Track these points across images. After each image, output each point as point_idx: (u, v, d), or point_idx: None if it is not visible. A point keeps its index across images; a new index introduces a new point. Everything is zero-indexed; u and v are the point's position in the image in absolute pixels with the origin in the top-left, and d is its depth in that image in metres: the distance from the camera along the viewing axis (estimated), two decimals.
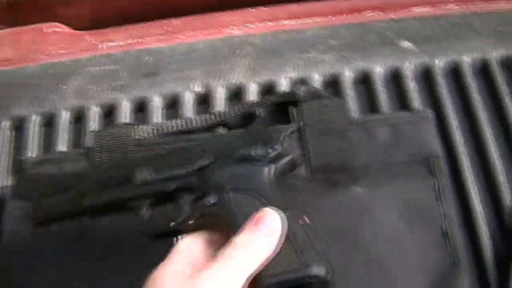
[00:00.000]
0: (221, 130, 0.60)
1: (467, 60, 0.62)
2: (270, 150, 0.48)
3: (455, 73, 0.62)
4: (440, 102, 0.60)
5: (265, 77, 0.63)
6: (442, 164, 0.54)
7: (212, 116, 0.59)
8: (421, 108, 0.59)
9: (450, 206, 0.53)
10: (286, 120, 0.57)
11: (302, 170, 0.54)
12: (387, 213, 0.52)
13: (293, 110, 0.57)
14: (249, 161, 0.47)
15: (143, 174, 0.49)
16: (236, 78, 0.63)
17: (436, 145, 0.55)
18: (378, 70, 0.62)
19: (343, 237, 0.51)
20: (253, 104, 0.59)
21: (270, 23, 0.67)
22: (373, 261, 0.50)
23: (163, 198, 0.49)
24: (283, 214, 0.42)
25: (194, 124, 0.59)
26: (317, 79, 0.62)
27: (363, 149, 0.55)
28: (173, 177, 0.48)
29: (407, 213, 0.52)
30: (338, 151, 0.55)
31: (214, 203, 0.45)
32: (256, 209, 0.43)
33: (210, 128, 0.60)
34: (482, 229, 0.53)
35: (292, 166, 0.50)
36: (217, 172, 0.47)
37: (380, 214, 0.51)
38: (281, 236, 0.41)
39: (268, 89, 0.62)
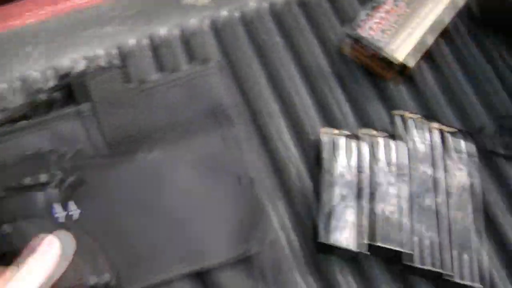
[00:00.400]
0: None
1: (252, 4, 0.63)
2: (43, 178, 0.49)
3: (244, 20, 0.62)
4: (238, 50, 0.60)
5: (62, 61, 0.61)
6: (232, 113, 0.54)
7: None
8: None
9: (247, 152, 0.53)
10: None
11: (102, 149, 0.53)
12: (183, 172, 0.51)
13: (82, 90, 0.55)
14: (31, 188, 0.48)
15: None
16: (32, 67, 0.60)
17: (223, 95, 0.55)
18: (167, 31, 0.61)
19: (145, 205, 0.50)
20: (41, 91, 0.56)
21: (60, 5, 0.64)
22: (175, 224, 0.50)
23: None
24: (68, 234, 0.45)
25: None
26: (114, 53, 0.60)
27: (155, 113, 0.54)
28: None
29: (202, 168, 0.51)
30: (131, 120, 0.53)
31: (9, 233, 0.46)
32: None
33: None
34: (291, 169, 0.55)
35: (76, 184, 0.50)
36: (8, 202, 0.48)
37: (176, 174, 0.51)
38: (61, 255, 0.43)
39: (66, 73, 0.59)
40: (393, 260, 0.51)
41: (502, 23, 0.63)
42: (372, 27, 0.59)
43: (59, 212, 0.48)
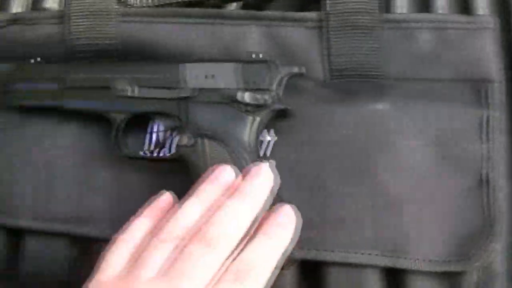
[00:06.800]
0: (235, 5, 0.50)
1: None
2: (259, 96, 0.40)
3: None
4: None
5: None
6: (499, 92, 0.41)
7: None
8: (483, 14, 0.45)
9: (498, 148, 0.41)
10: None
11: (319, 72, 0.44)
12: (411, 143, 0.40)
13: None
14: (233, 104, 0.41)
15: (124, 86, 0.43)
16: None
17: (494, 65, 0.42)
18: None
19: (353, 163, 0.41)
20: None
21: None
22: (384, 196, 0.40)
23: (137, 116, 0.44)
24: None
25: None
26: None
27: (396, 55, 0.43)
28: (153, 98, 0.43)
29: (437, 147, 0.40)
30: (366, 53, 0.43)
31: (187, 145, 0.41)
32: (227, 162, 0.38)
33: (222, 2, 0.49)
34: None
35: (282, 115, 0.42)
36: (197, 109, 0.41)
37: (402, 142, 0.41)
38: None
39: None
40: None
41: None
42: None
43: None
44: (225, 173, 0.36)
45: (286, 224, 0.34)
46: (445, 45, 0.43)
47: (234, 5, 0.50)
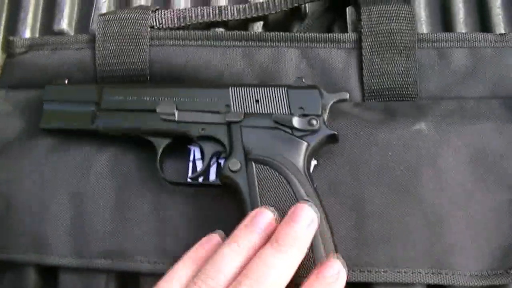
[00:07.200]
0: (257, 26, 0.49)
1: None
2: (314, 122, 0.40)
3: None
4: None
5: None
6: None
7: (250, 7, 0.48)
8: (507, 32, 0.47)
9: None
10: (340, 21, 0.46)
11: (356, 92, 0.44)
12: (453, 161, 0.41)
13: (350, 12, 0.45)
14: (284, 128, 0.40)
15: (168, 108, 0.42)
16: None
17: None
18: None
19: (395, 180, 0.41)
20: None
21: None
22: (428, 214, 0.40)
23: (182, 141, 0.42)
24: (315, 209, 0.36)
25: (226, 15, 0.48)
26: None
27: (432, 74, 0.44)
28: (200, 122, 0.41)
29: (477, 164, 0.41)
30: (403, 73, 0.44)
31: (235, 170, 0.39)
32: (281, 188, 0.38)
33: (245, 21, 0.49)
34: None
35: (330, 142, 0.41)
36: (246, 133, 0.40)
37: (444, 160, 0.41)
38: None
39: None
40: None
41: None
42: None
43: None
44: (263, 217, 0.35)
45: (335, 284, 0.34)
46: (479, 62, 0.44)
47: (257, 25, 0.50)
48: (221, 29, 0.48)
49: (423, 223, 0.40)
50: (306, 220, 0.35)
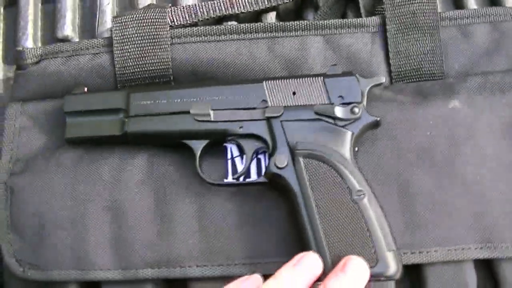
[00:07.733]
0: (270, 18, 0.48)
1: None
2: (356, 110, 0.39)
3: None
4: None
5: None
6: None
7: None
8: None
9: None
10: (352, 6, 0.46)
11: (383, 75, 0.44)
12: (488, 134, 0.41)
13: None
14: (326, 119, 0.39)
15: (203, 109, 0.40)
16: None
17: None
18: None
19: (437, 160, 0.41)
20: None
21: None
22: (472, 190, 0.41)
23: (220, 141, 0.41)
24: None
25: (238, 8, 0.47)
26: None
27: (457, 52, 0.44)
28: (237, 120, 0.40)
29: (510, 136, 0.41)
30: (428, 52, 0.44)
31: (280, 166, 0.39)
32: (333, 181, 0.37)
33: (256, 13, 0.48)
34: None
35: (372, 128, 0.41)
36: (287, 128, 0.39)
37: (480, 135, 0.41)
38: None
39: None
40: None
41: None
42: None
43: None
44: (309, 261, 0.35)
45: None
46: (502, 36, 0.44)
47: (270, 16, 0.49)
48: (234, 23, 0.48)
49: (468, 199, 0.40)
50: (359, 273, 0.35)
